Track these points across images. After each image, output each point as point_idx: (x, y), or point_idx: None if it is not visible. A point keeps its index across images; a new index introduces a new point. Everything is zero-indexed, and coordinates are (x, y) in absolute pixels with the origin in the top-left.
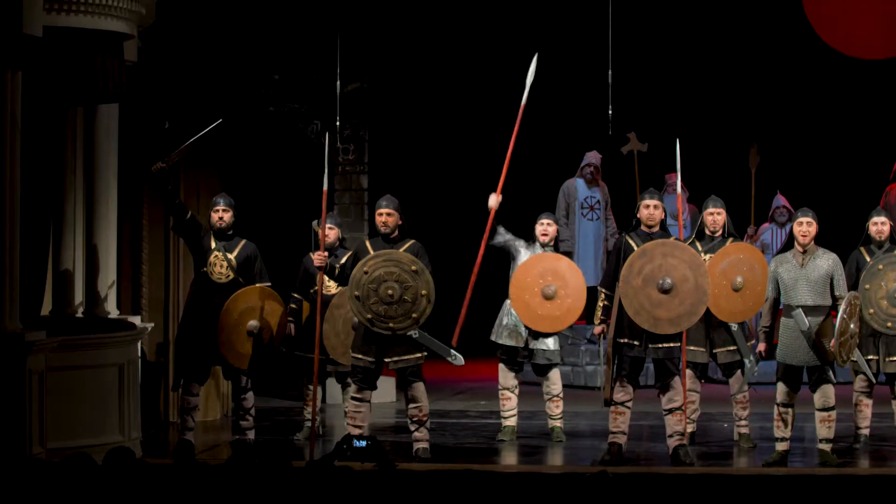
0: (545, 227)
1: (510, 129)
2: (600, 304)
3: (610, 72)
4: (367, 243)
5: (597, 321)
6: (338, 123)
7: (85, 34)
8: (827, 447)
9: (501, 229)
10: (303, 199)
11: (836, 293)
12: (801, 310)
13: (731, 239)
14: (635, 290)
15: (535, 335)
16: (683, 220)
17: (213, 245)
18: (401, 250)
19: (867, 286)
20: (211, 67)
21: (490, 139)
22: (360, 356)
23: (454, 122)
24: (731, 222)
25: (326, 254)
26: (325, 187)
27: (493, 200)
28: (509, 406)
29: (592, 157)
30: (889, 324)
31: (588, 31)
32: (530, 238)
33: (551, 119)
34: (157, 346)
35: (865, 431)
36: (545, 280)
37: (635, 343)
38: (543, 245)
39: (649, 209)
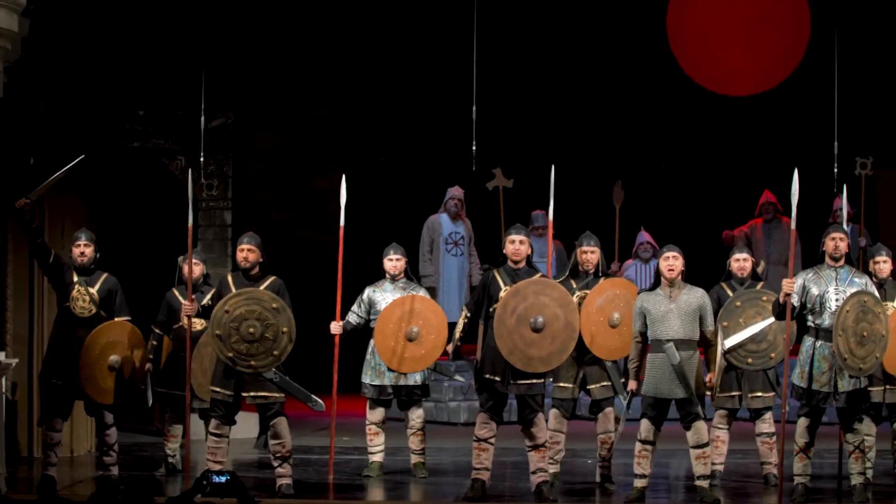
0: (394, 263)
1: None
2: (462, 320)
3: (474, 107)
4: (230, 280)
5: (457, 334)
6: (202, 159)
7: None
8: (704, 483)
9: (351, 318)
10: (167, 234)
11: (705, 328)
12: (672, 344)
13: (603, 277)
14: (509, 330)
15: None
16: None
17: (75, 279)
18: (262, 287)
19: (725, 323)
20: (77, 103)
21: (356, 174)
22: (219, 390)
23: (319, 157)
24: (604, 260)
25: (194, 299)
26: (190, 223)
27: (336, 328)
28: (377, 441)
29: (455, 191)
30: (749, 360)
31: (452, 67)
32: (380, 277)
33: (415, 154)
34: (22, 382)
35: (720, 468)
36: (407, 323)
37: (497, 379)
38: (393, 277)
39: (515, 244)
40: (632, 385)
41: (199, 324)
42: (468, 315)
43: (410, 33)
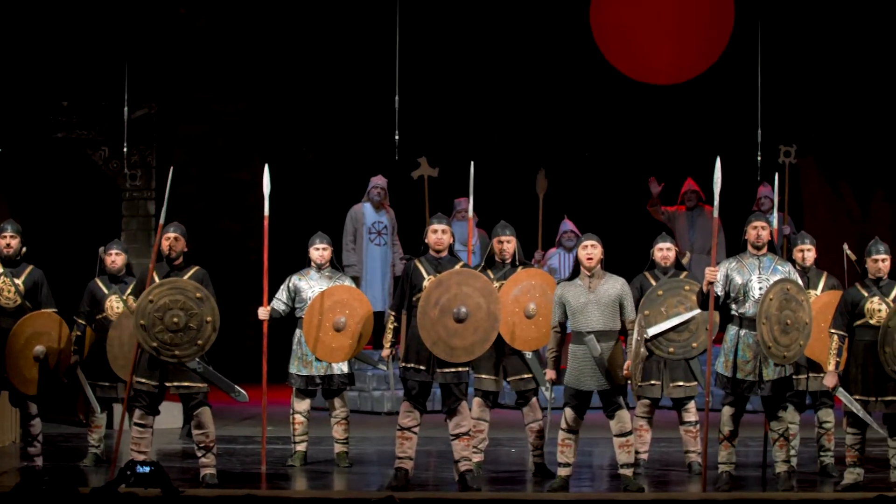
0: (321, 252)
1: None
2: (390, 326)
3: (397, 97)
4: (153, 271)
5: (386, 344)
6: (125, 149)
7: None
8: (629, 472)
9: (276, 304)
10: (90, 225)
11: (625, 317)
12: (593, 336)
13: (520, 266)
14: (433, 321)
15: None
16: (473, 245)
17: (1, 270)
18: (185, 277)
19: (647, 312)
20: None
21: (280, 164)
22: (143, 380)
23: (242, 148)
24: (520, 250)
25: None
26: (162, 220)
27: (263, 314)
28: (301, 430)
29: (378, 180)
30: (671, 349)
31: (374, 56)
32: (305, 265)
33: (338, 144)
34: None
35: (644, 456)
36: (334, 313)
37: (422, 368)
38: (319, 266)
39: (437, 234)
40: (550, 374)
41: (117, 311)
42: (396, 321)
43: (333, 23)
